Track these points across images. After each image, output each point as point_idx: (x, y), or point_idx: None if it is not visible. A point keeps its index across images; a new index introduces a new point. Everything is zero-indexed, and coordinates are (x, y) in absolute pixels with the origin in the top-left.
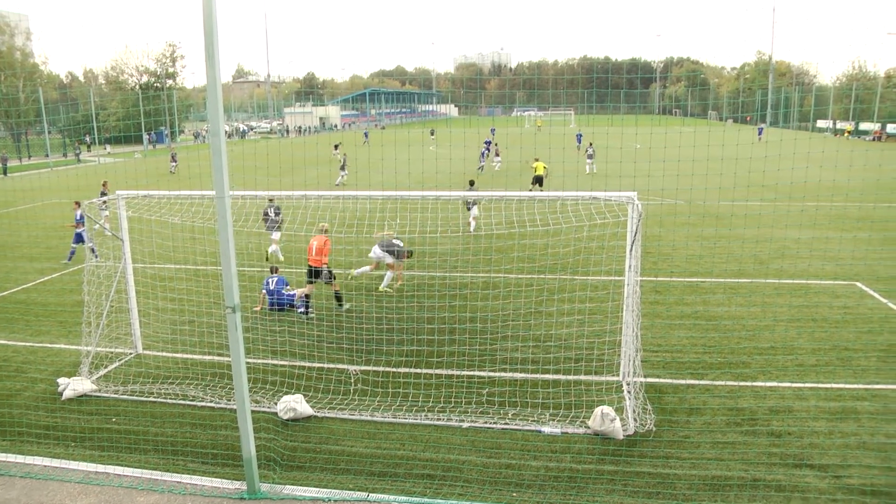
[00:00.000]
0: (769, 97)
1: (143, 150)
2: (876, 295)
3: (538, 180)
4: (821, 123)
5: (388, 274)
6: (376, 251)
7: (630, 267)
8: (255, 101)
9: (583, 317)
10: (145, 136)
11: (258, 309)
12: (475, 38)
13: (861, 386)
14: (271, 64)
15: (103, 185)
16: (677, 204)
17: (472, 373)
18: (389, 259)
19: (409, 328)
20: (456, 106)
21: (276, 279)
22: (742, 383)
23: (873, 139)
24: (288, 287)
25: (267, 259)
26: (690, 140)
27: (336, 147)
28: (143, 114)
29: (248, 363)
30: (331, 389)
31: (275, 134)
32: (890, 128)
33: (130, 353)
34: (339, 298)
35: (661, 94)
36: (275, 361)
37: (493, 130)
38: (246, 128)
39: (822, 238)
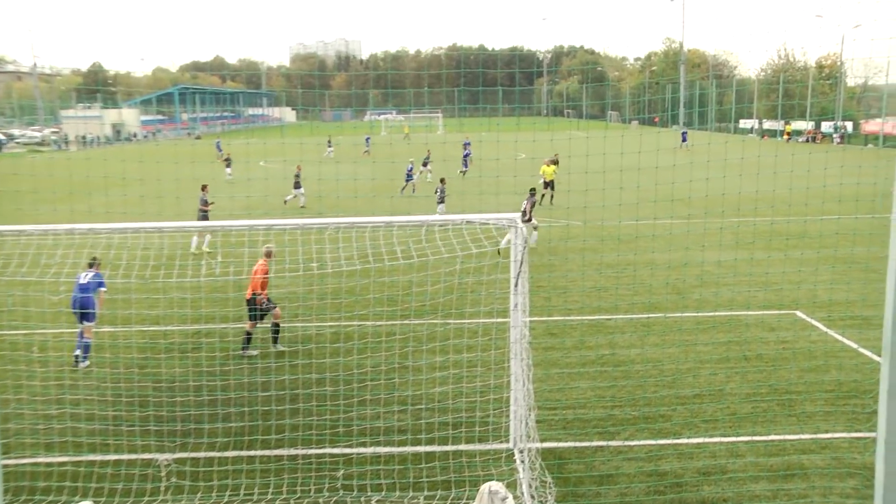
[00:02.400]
0: (681, 93)
1: None
2: (818, 324)
3: (549, 185)
4: (744, 123)
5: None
6: None
7: (516, 305)
8: (16, 100)
9: (460, 370)
10: None
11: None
12: (315, 22)
13: (807, 436)
14: (39, 48)
15: None
16: (570, 225)
17: (322, 451)
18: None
19: (237, 398)
20: (293, 109)
21: (91, 274)
22: (663, 441)
23: (807, 140)
24: (104, 291)
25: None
26: (586, 147)
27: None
28: None
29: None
30: (133, 490)
31: (48, 146)
32: (826, 126)
33: None
34: (275, 339)
35: (549, 91)
36: (50, 459)
37: (466, 144)
38: (3, 137)
39: (749, 260)
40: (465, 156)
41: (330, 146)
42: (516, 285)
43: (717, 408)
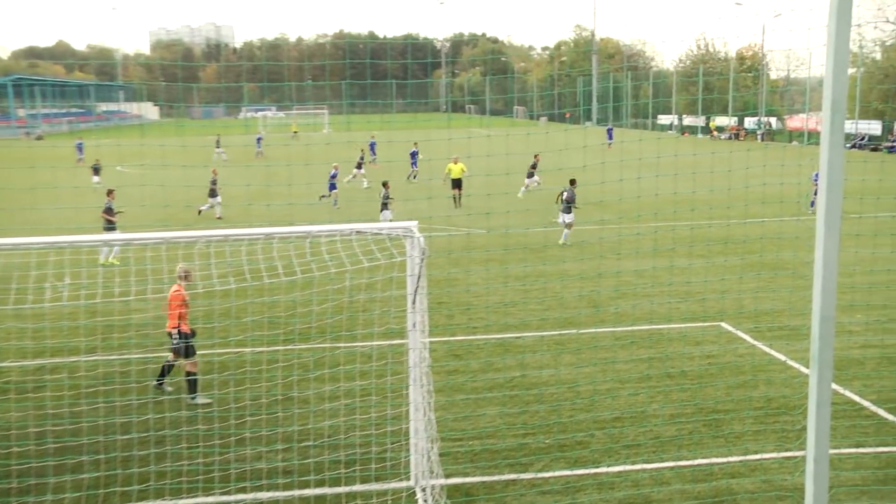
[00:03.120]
0: (593, 86)
1: None
2: (745, 336)
3: (457, 185)
4: (663, 119)
5: None
6: None
7: (414, 325)
8: None
9: (353, 400)
10: None
11: None
12: (180, 4)
13: (736, 458)
14: None
15: None
16: (472, 234)
17: (195, 501)
18: None
19: (90, 445)
20: (155, 105)
21: None
22: (581, 471)
23: (729, 137)
24: None
25: None
26: (489, 146)
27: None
28: None
29: None
30: None
31: None
32: (749, 122)
33: None
34: (191, 385)
35: (448, 84)
36: None
37: (414, 153)
38: None
39: (669, 268)
40: (413, 157)
41: (219, 148)
42: (414, 302)
43: (638, 431)
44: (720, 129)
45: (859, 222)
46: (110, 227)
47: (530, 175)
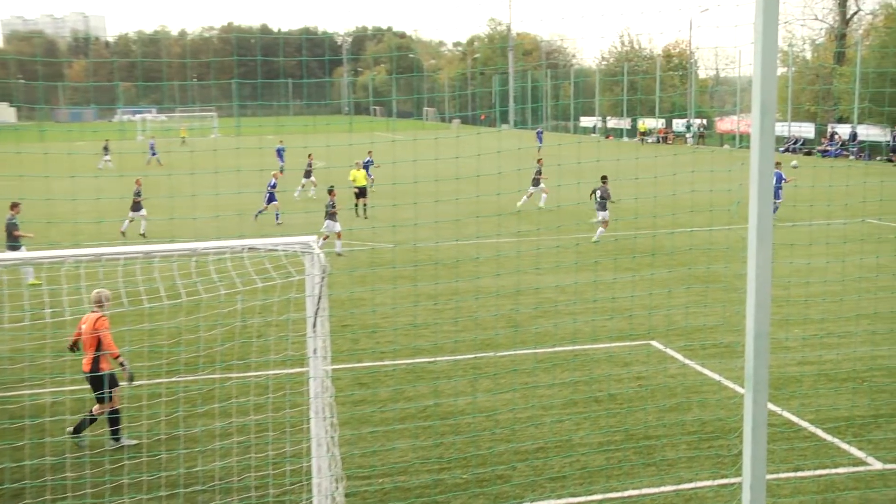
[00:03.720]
0: (510, 86)
1: None
2: (677, 355)
3: (361, 193)
4: (586, 121)
5: None
6: None
7: (315, 351)
8: None
9: (247, 437)
10: None
11: None
12: None
13: (669, 488)
14: None
15: None
16: (377, 249)
17: None
18: None
19: None
20: (11, 105)
21: None
22: None
23: (657, 140)
24: None
25: None
26: (392, 153)
27: None
28: None
29: None
30: None
31: None
32: (678, 125)
33: None
34: (115, 424)
35: (351, 84)
36: None
37: (369, 162)
38: None
39: (593, 283)
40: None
41: (107, 154)
42: (314, 326)
43: (564, 462)
44: (648, 133)
45: (792, 231)
46: (14, 245)
47: (536, 182)
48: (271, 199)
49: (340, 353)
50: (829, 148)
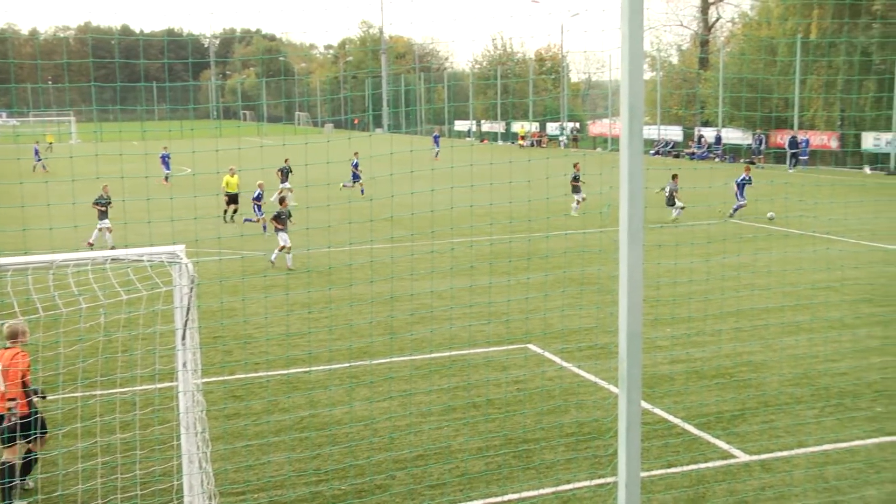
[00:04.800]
0: (383, 89)
1: None
2: (554, 358)
3: (233, 199)
4: (461, 125)
5: None
6: None
7: (185, 365)
8: None
9: (112, 457)
10: None
11: None
12: None
13: (548, 490)
14: None
15: None
16: (247, 257)
17: None
18: None
19: None
20: None
21: None
22: None
23: (532, 144)
24: None
25: None
26: (261, 159)
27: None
28: None
29: None
30: None
31: None
32: (552, 128)
33: None
34: (25, 468)
35: (219, 87)
36: None
37: (355, 165)
38: None
39: (469, 288)
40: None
41: (48, 147)
42: (184, 338)
43: (444, 469)
44: (525, 136)
45: (661, 232)
46: None
47: (576, 189)
48: (257, 210)
49: (212, 366)
50: (695, 150)
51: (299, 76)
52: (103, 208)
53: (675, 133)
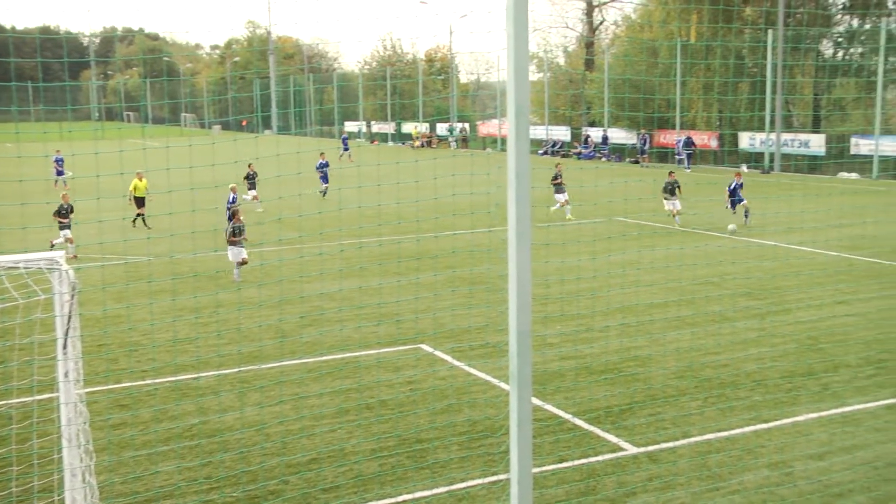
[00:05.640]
0: (272, 90)
1: None
2: (447, 357)
3: (141, 203)
4: (351, 126)
5: None
6: None
7: (67, 375)
8: None
9: None
10: None
11: None
12: None
13: (442, 489)
14: None
15: None
16: (131, 262)
17: None
18: None
19: None
20: None
21: None
22: None
23: (422, 145)
24: None
25: None
26: (145, 161)
27: None
28: None
29: None
30: None
31: None
32: (441, 129)
33: None
34: None
35: (101, 88)
36: None
37: (323, 164)
38: None
39: (359, 289)
40: (323, 169)
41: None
42: (65, 347)
43: (338, 471)
44: (417, 137)
45: (548, 231)
46: None
47: (559, 190)
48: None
49: (97, 375)
50: (582, 150)
51: (185, 77)
52: (65, 219)
53: (562, 133)
